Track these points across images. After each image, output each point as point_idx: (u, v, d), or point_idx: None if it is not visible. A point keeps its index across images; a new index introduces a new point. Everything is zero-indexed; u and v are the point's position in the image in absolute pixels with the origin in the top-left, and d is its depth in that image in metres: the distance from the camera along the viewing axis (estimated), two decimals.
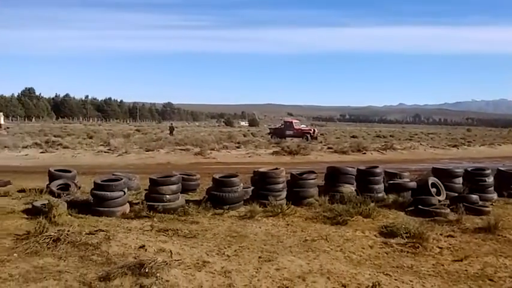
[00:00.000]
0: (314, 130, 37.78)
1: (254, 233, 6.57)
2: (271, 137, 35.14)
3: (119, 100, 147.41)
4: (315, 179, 8.91)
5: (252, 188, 8.77)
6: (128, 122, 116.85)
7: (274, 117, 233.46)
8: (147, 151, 21.35)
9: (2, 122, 51.17)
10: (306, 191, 8.58)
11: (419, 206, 8.10)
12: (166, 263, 4.83)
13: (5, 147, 21.84)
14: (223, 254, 5.53)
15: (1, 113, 59.89)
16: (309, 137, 34.39)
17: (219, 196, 7.90)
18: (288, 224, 7.18)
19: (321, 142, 31.67)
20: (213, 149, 22.65)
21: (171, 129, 41.08)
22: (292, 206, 7.93)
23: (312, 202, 8.48)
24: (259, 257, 5.41)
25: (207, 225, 7.01)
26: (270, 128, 47.14)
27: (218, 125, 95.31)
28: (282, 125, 39.91)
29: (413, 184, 9.20)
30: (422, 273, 5.09)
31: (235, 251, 5.66)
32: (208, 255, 5.45)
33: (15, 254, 5.19)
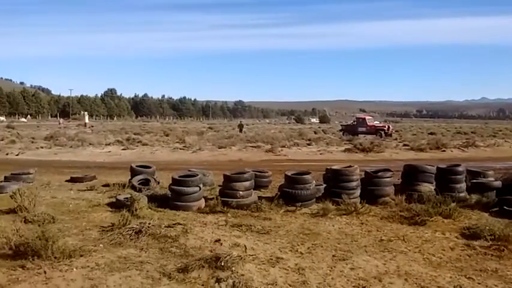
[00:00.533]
0: (388, 127, 36.60)
1: (327, 231, 6.49)
2: (343, 134, 34.55)
3: (192, 99, 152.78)
4: (390, 177, 8.62)
5: (325, 185, 8.67)
6: (201, 119, 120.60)
7: (346, 113, 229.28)
8: (219, 148, 21.87)
9: (87, 121, 55.04)
10: (381, 190, 8.32)
11: (505, 207, 7.56)
12: (241, 258, 4.92)
13: (90, 144, 23.48)
14: (297, 251, 5.52)
15: (86, 113, 64.47)
16: (383, 134, 33.37)
17: (291, 193, 7.90)
18: (362, 223, 7.01)
19: (396, 139, 30.59)
20: (283, 146, 22.72)
21: (241, 127, 41.88)
22: (367, 205, 7.73)
23: (388, 201, 8.20)
24: (333, 256, 5.34)
25: (279, 221, 7.05)
26: (341, 125, 46.37)
27: (289, 122, 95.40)
28: (354, 121, 39.07)
29: (498, 183, 8.60)
30: (508, 277, 4.74)
31: (308, 248, 5.64)
32: (281, 251, 5.48)
33: (101, 245, 5.55)
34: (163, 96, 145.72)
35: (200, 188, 7.79)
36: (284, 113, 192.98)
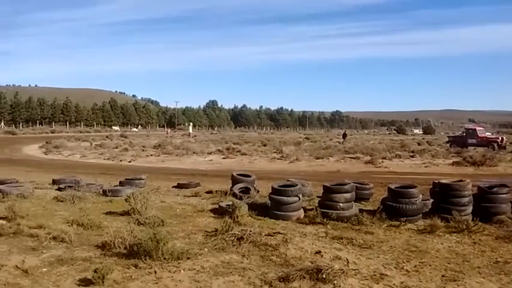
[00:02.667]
0: (502, 138, 33.47)
1: (435, 249, 6.08)
2: (451, 146, 32.28)
3: (289, 109, 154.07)
4: (507, 193, 7.85)
5: (432, 200, 8.15)
6: (298, 130, 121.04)
7: (453, 124, 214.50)
8: (316, 159, 21.73)
9: (191, 131, 58.13)
10: (497, 207, 7.61)
11: None
12: (343, 271, 4.79)
13: (194, 153, 24.74)
14: (402, 268, 5.24)
15: (191, 123, 68.08)
16: (496, 146, 30.58)
17: (395, 207, 7.54)
18: (474, 243, 6.45)
19: (511, 152, 27.86)
20: (384, 158, 21.88)
21: (344, 135, 41.89)
22: (480, 223, 7.11)
23: (504, 220, 7.47)
24: (443, 276, 4.98)
25: (382, 236, 6.76)
26: (449, 136, 43.43)
27: (389, 133, 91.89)
28: (463, 132, 36.36)
29: None
30: None
31: (415, 266, 5.32)
32: (385, 267, 5.24)
33: (205, 249, 5.78)
34: (261, 107, 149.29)
35: (299, 198, 7.79)
36: (384, 124, 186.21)
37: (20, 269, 4.90)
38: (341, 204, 7.62)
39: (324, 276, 4.57)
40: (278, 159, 22.09)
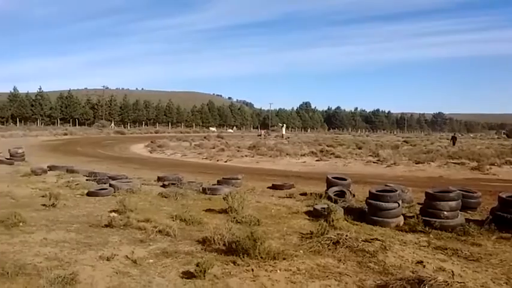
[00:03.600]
0: None
1: None
2: None
3: (386, 111, 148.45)
4: None
5: None
6: (395, 132, 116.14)
7: None
8: (416, 163, 20.65)
9: (284, 133, 58.58)
10: None
11: None
12: (447, 284, 4.49)
13: (287, 154, 24.87)
14: None
15: (284, 125, 68.63)
16: None
17: (506, 218, 6.92)
18: None
19: None
20: (492, 164, 20.11)
21: (454, 139, 39.53)
22: None
23: None
24: None
25: (491, 249, 6.23)
26: None
27: (498, 137, 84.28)
28: None
29: None
30: None
31: None
32: (494, 282, 4.83)
33: (301, 251, 5.79)
34: (355, 108, 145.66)
35: (399, 205, 7.47)
36: (492, 127, 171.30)
37: (130, 259, 5.31)
38: (445, 212, 7.16)
39: None
40: (374, 162, 21.38)
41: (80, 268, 4.87)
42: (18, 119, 71.24)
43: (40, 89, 79.36)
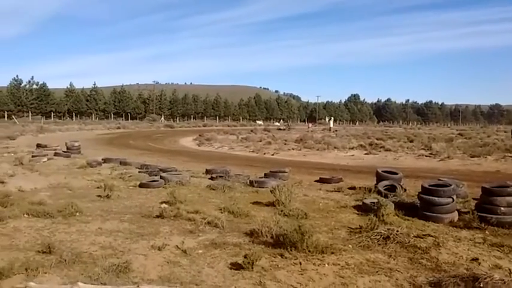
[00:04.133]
0: None
1: None
2: None
3: (439, 103, 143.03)
4: None
5: None
6: (449, 125, 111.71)
7: None
8: (471, 157, 19.74)
9: (332, 125, 57.84)
10: None
11: None
12: (504, 282, 4.28)
13: (335, 147, 24.53)
14: None
15: (332, 118, 67.76)
16: None
17: None
18: None
19: None
20: None
21: None
22: None
23: None
24: None
25: None
26: None
27: None
28: None
29: None
30: None
31: None
32: None
33: (349, 245, 5.71)
34: (407, 100, 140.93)
35: (453, 200, 7.17)
36: None
37: (180, 249, 5.45)
38: (503, 208, 6.80)
39: (481, 286, 4.16)
40: (426, 156, 20.64)
41: (132, 257, 5.06)
42: (74, 114, 74.60)
43: (94, 84, 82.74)
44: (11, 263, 4.61)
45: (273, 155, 22.41)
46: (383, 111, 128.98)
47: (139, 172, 12.52)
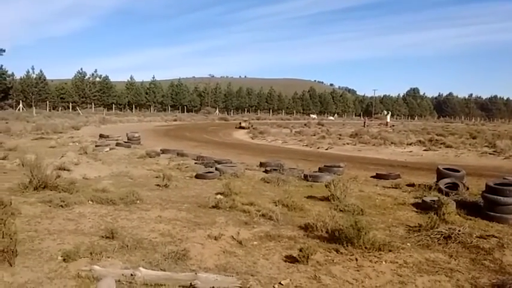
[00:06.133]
0: None
1: None
2: None
3: (505, 98, 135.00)
4: None
5: None
6: None
7: None
8: None
9: (388, 120, 56.17)
10: None
11: None
12: None
13: (392, 143, 23.87)
14: None
15: (389, 112, 65.88)
16: None
17: None
18: None
19: None
20: None
21: None
22: None
23: None
24: None
25: None
26: None
27: None
28: None
29: None
30: None
31: None
32: None
33: (408, 244, 5.55)
34: (470, 95, 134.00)
35: None
36: None
37: (236, 239, 5.54)
38: None
39: None
40: (490, 154, 19.60)
41: (190, 245, 5.21)
42: (134, 106, 77.43)
43: (153, 77, 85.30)
44: (77, 247, 4.89)
45: (327, 149, 22.17)
46: (444, 106, 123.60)
47: (195, 163, 12.83)
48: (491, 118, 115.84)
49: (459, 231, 5.58)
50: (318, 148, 22.64)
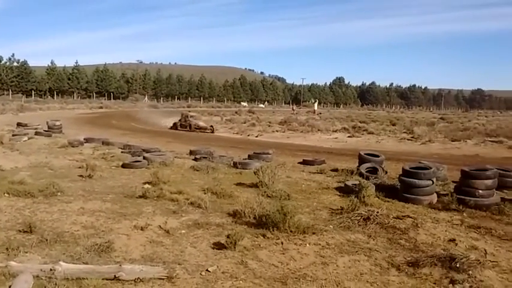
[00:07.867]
0: None
1: None
2: None
3: (422, 87, 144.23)
4: None
5: None
6: (431, 109, 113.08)
7: None
8: (452, 141, 20.10)
9: (316, 108, 57.97)
10: None
11: None
12: (480, 262, 4.44)
13: (318, 130, 24.72)
14: None
15: (317, 100, 67.89)
16: None
17: None
18: None
19: None
20: None
21: None
22: None
23: None
24: None
25: None
26: None
27: None
28: None
29: None
30: None
31: None
32: None
33: (330, 226, 5.81)
34: (391, 84, 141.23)
35: (433, 182, 7.33)
36: None
37: (163, 229, 5.47)
38: (480, 191, 6.98)
39: (457, 266, 4.30)
40: (408, 139, 20.96)
41: (115, 237, 5.06)
42: (55, 92, 73.16)
43: (76, 63, 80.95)
44: None
45: (257, 136, 22.46)
46: (367, 95, 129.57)
47: (122, 152, 12.43)
48: (410, 106, 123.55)
49: (377, 212, 5.93)
50: (248, 135, 22.87)
